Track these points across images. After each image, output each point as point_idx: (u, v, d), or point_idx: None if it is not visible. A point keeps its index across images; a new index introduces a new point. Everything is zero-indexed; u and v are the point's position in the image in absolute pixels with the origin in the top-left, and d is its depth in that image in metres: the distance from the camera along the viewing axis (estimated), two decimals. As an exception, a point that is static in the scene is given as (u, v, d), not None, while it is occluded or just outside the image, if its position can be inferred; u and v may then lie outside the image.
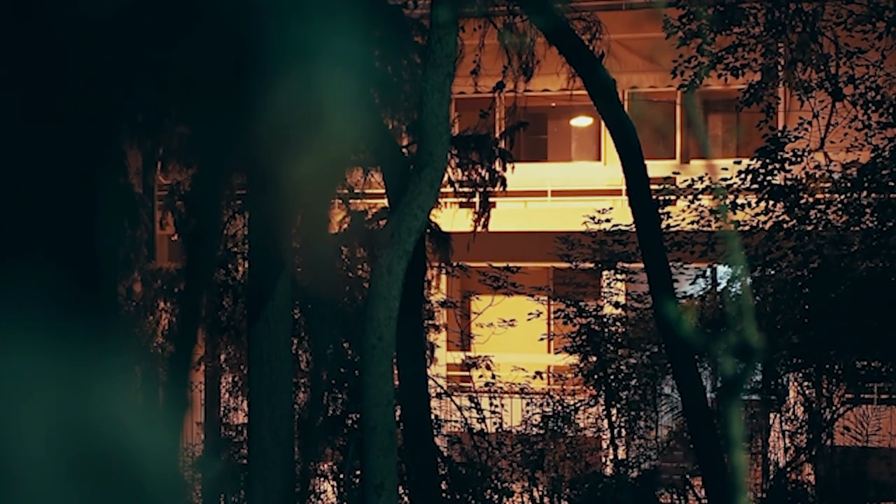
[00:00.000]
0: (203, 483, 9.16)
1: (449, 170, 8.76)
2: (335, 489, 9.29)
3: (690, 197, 8.91)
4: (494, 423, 9.79)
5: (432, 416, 8.42)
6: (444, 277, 11.30)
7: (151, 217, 9.82)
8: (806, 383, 8.96)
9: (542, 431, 9.67)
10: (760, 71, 8.92)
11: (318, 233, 6.67)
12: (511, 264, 10.35)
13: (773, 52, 8.89)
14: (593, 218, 9.57)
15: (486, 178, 9.07)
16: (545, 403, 9.79)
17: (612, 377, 9.44)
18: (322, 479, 9.39)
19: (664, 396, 9.66)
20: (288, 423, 5.82)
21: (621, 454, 9.47)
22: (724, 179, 8.54)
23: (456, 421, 9.83)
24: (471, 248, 9.53)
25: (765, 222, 8.36)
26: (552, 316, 10.33)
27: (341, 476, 9.12)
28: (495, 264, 10.35)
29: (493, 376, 10.07)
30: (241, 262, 9.36)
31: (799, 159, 8.45)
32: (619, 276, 9.86)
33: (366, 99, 6.55)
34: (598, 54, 7.56)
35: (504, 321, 10.35)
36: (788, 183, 8.40)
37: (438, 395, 9.81)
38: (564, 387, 10.64)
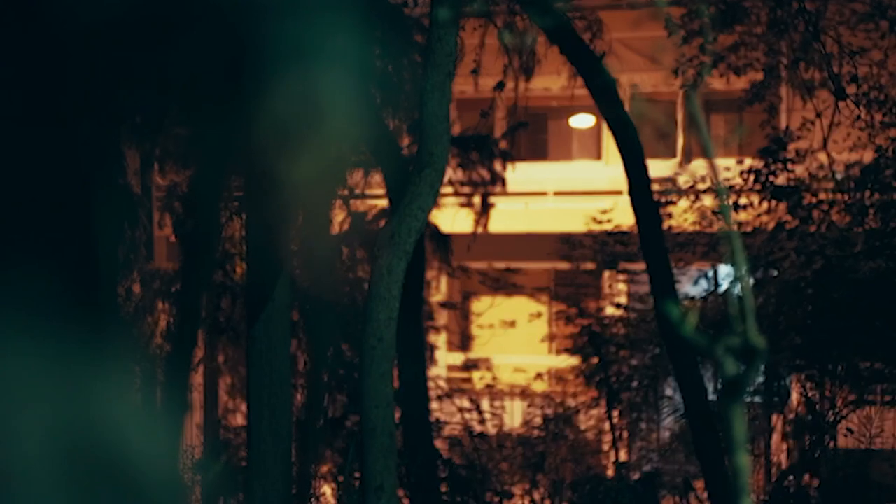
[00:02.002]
0: (202, 485, 9.12)
1: (449, 170, 8.71)
2: (335, 491, 9.26)
3: (692, 197, 8.88)
4: (495, 425, 9.76)
5: (432, 418, 8.40)
6: (444, 278, 11.27)
7: (150, 218, 9.78)
8: (809, 385, 8.92)
9: (542, 433, 9.65)
10: (763, 70, 8.90)
11: (318, 233, 6.64)
12: (512, 265, 10.32)
13: (776, 51, 8.87)
14: (594, 218, 9.54)
15: (487, 178, 9.05)
16: (546, 405, 9.76)
17: (613, 379, 9.41)
18: (322, 481, 9.36)
19: (666, 398, 9.63)
20: (287, 424, 5.79)
21: (623, 456, 9.44)
22: (727, 179, 8.51)
23: (456, 423, 9.80)
24: (471, 249, 9.50)
25: (767, 223, 8.34)
26: (553, 317, 10.30)
27: (341, 478, 9.09)
28: (496, 265, 10.32)
29: (494, 378, 10.04)
30: (239, 264, 9.33)
31: (801, 159, 8.42)
32: (620, 277, 9.83)
33: (366, 99, 6.52)
34: (600, 53, 7.53)
35: (504, 322, 10.32)
36: (791, 183, 8.37)
37: (439, 397, 9.78)
38: (565, 388, 10.61)
